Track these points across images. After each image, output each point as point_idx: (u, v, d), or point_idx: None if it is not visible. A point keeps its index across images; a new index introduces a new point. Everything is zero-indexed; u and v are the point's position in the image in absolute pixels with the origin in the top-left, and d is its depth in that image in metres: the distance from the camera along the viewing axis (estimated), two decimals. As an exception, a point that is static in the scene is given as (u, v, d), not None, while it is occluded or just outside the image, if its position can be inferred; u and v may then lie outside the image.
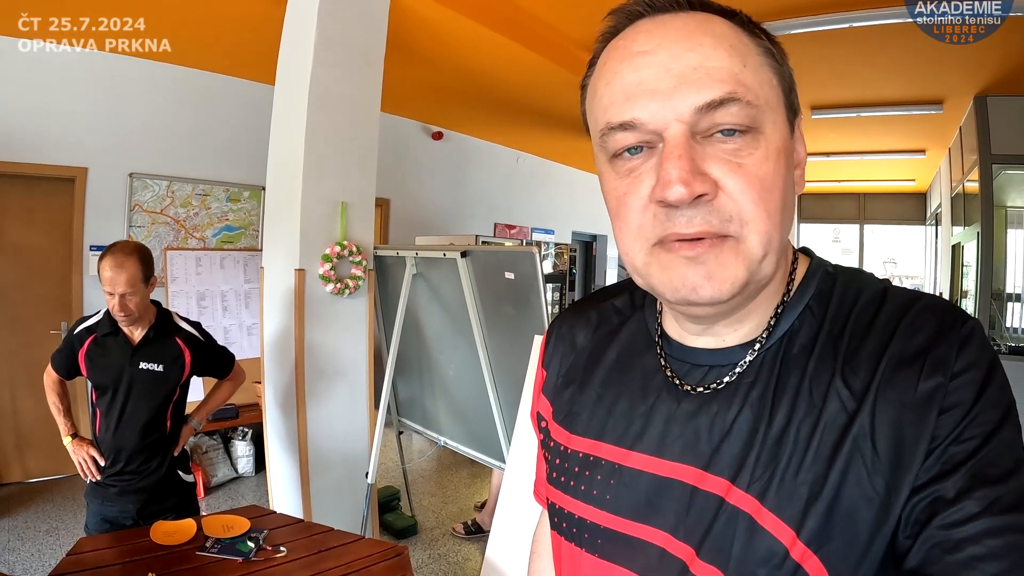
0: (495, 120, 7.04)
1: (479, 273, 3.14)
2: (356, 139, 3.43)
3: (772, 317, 0.64)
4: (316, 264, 3.29)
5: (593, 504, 0.69)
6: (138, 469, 2.41)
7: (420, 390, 3.95)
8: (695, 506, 0.61)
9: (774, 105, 0.58)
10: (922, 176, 10.23)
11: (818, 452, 0.56)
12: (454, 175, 7.69)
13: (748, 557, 0.56)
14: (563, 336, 0.86)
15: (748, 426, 0.60)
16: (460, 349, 3.48)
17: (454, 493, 4.81)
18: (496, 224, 8.29)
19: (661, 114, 0.55)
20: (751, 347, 0.64)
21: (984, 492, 0.50)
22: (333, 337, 3.41)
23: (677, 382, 0.67)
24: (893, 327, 0.58)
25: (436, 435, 3.83)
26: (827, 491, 0.55)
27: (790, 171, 0.60)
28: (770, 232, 0.56)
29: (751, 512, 0.57)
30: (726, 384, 0.63)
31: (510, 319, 3.08)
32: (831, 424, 0.56)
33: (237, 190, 5.33)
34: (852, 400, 0.56)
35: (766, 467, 0.58)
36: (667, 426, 0.66)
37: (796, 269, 0.67)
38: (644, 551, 0.64)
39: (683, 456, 0.63)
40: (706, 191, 0.54)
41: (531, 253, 2.89)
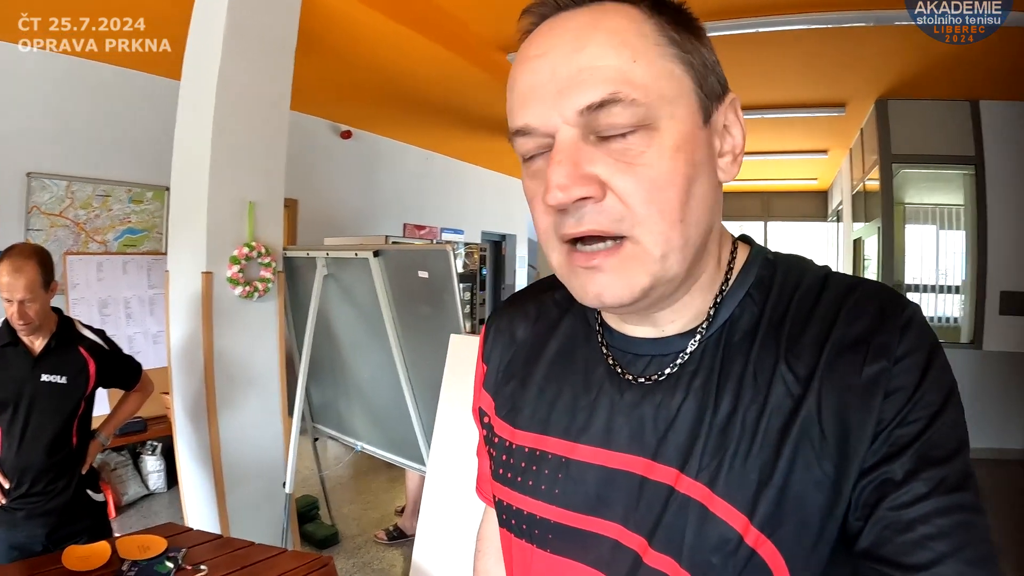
0: (405, 119, 6.98)
1: (392, 273, 3.11)
2: (265, 136, 3.33)
3: (712, 306, 0.64)
4: (224, 267, 3.17)
5: (541, 499, 0.68)
6: (45, 490, 2.26)
7: (334, 395, 3.87)
8: (645, 496, 0.61)
9: (672, 97, 0.56)
10: (824, 175, 10.72)
11: (766, 437, 0.56)
12: (363, 175, 7.58)
13: (701, 545, 0.56)
14: (502, 330, 0.84)
15: (693, 415, 0.60)
16: (374, 351, 3.42)
17: (373, 499, 4.74)
18: (406, 224, 8.22)
19: (549, 118, 0.56)
20: (692, 336, 0.64)
21: (931, 473, 0.51)
22: (243, 343, 3.30)
23: (620, 372, 0.66)
24: (835, 313, 0.58)
25: (353, 440, 3.76)
26: (777, 476, 0.55)
27: (703, 162, 0.58)
28: (666, 232, 0.56)
29: (702, 500, 0.57)
30: (668, 374, 0.63)
31: (425, 319, 3.06)
32: (777, 409, 0.57)
33: (140, 191, 5.07)
34: (797, 385, 0.57)
35: (714, 454, 0.58)
36: (612, 417, 0.65)
37: (735, 257, 0.67)
38: (596, 544, 0.63)
39: (630, 447, 0.63)
40: (589, 194, 0.54)
41: (445, 251, 2.87)
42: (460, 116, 6.68)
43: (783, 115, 6.64)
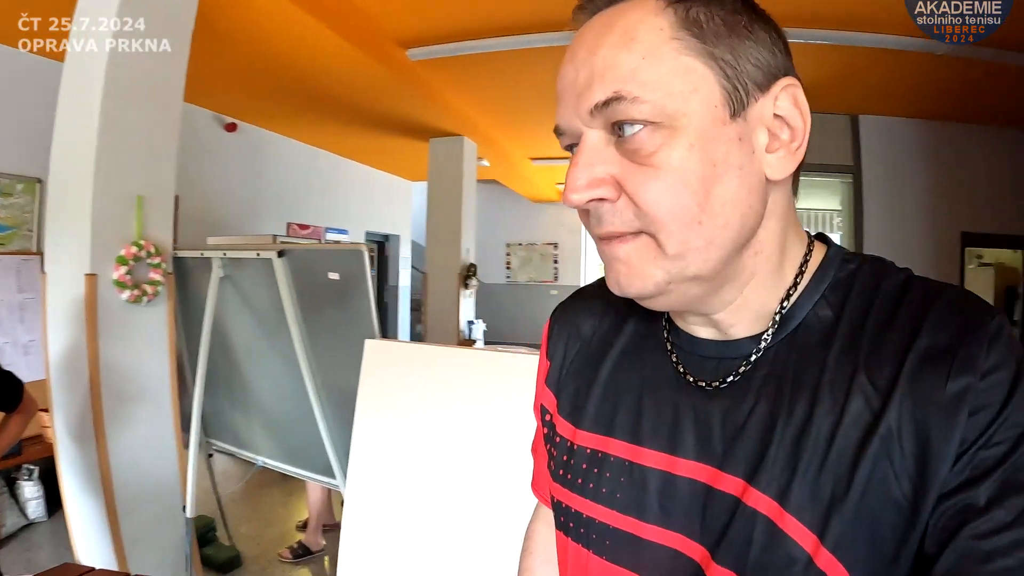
0: (294, 113, 6.66)
1: (298, 275, 2.90)
2: (156, 125, 3.02)
3: (779, 307, 0.62)
4: (110, 268, 2.86)
5: (601, 503, 0.67)
6: None
7: (230, 406, 3.59)
8: (711, 507, 0.59)
9: (685, 94, 0.53)
10: None
11: (842, 451, 0.53)
12: (248, 171, 7.16)
13: (767, 563, 0.54)
14: (567, 325, 0.83)
15: (764, 422, 0.58)
16: (274, 359, 3.20)
17: (271, 515, 4.48)
18: (290, 224, 7.84)
19: (572, 121, 0.58)
20: (760, 339, 0.61)
21: (1015, 500, 0.48)
22: (131, 352, 2.97)
23: (686, 374, 0.65)
24: (918, 321, 0.54)
25: (253, 455, 3.50)
26: (852, 494, 0.51)
27: (727, 160, 0.55)
28: (680, 233, 0.55)
29: (770, 514, 0.54)
30: (738, 378, 0.61)
31: (334, 323, 2.88)
32: (855, 422, 0.53)
33: (9, 182, 4.47)
34: (876, 397, 0.53)
35: (785, 466, 0.55)
36: (678, 421, 0.63)
37: (810, 256, 0.64)
38: (656, 553, 0.62)
39: (697, 454, 0.61)
40: (603, 196, 0.56)
41: (359, 251, 2.71)
42: (351, 112, 6.45)
43: None
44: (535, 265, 13.29)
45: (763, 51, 0.56)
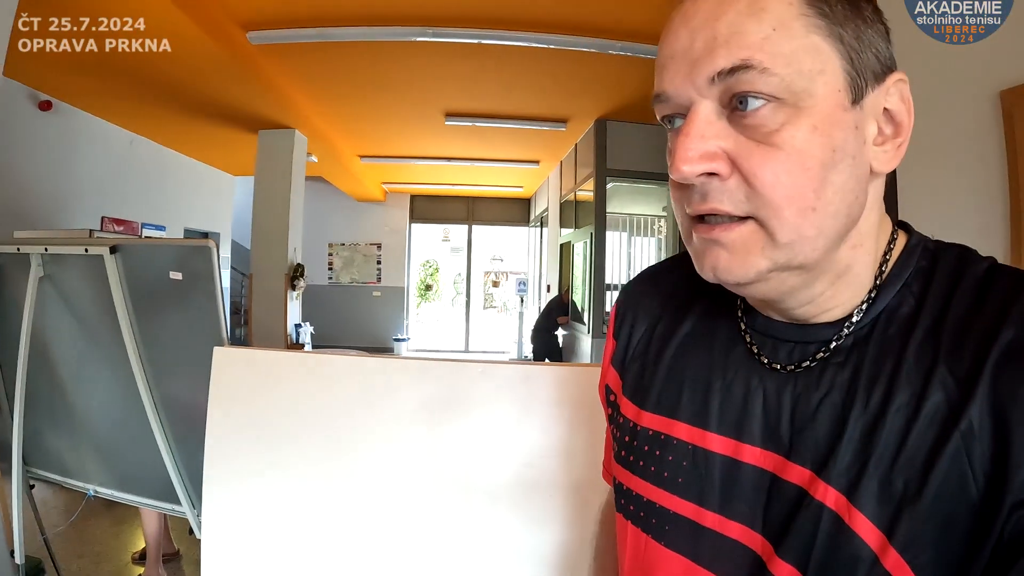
0: (114, 92, 6.00)
1: (134, 274, 2.58)
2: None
3: (866, 296, 0.59)
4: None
5: (663, 487, 0.66)
6: None
7: (52, 428, 3.11)
8: (775, 497, 0.58)
9: (813, 73, 0.51)
10: (530, 183, 11.78)
11: (916, 446, 0.51)
12: (60, 157, 6.36)
13: (831, 560, 0.52)
14: (635, 304, 0.80)
15: (836, 412, 0.56)
16: (105, 371, 2.83)
17: (103, 548, 4.02)
18: (104, 218, 7.08)
19: (684, 88, 0.54)
20: (841, 326, 0.59)
21: None
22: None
23: (759, 356, 0.63)
24: (1003, 312, 0.51)
25: (83, 483, 3.06)
26: (926, 492, 0.49)
27: (844, 147, 0.53)
28: (793, 219, 0.52)
29: (837, 509, 0.53)
30: (812, 363, 0.59)
31: (175, 330, 2.62)
32: (932, 416, 0.51)
33: None
34: (956, 391, 0.50)
35: (855, 459, 0.53)
36: (746, 406, 0.62)
37: (894, 245, 0.62)
38: (716, 542, 0.61)
39: (763, 441, 0.60)
40: (716, 171, 0.53)
41: (207, 248, 2.49)
42: (178, 95, 5.96)
43: (507, 125, 7.15)
44: (358, 266, 13.19)
45: (881, 41, 0.55)
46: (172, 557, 3.86)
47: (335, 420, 2.03)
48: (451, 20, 4.39)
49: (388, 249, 13.12)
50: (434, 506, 1.92)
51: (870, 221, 0.59)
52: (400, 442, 1.97)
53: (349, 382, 2.07)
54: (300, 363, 2.18)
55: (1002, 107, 2.11)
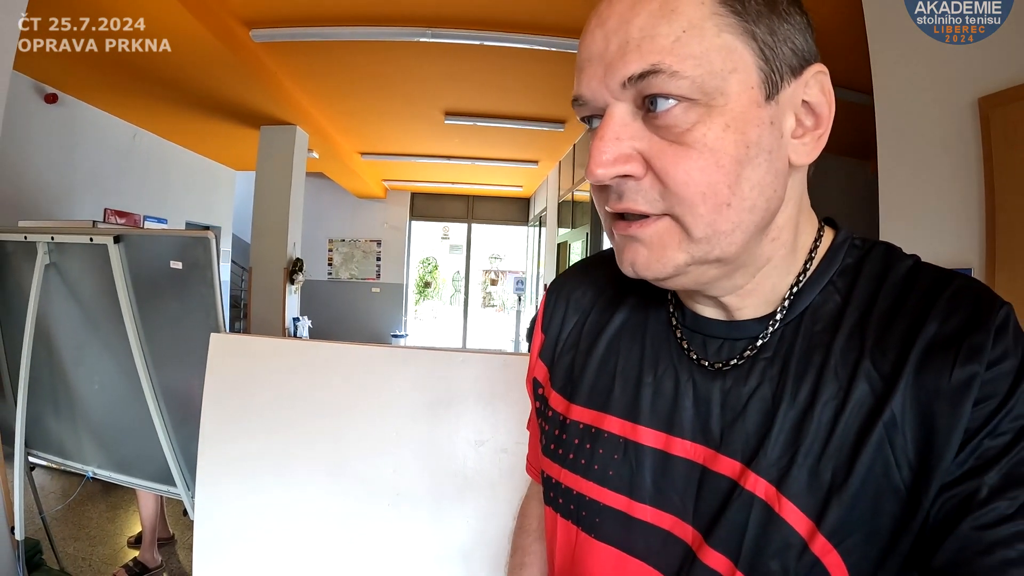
0: (118, 86, 6.00)
1: (136, 263, 2.65)
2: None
3: (789, 291, 0.61)
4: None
5: (593, 480, 0.66)
6: None
7: (54, 412, 3.17)
8: (706, 489, 0.59)
9: (724, 72, 0.52)
10: (529, 183, 11.65)
11: (843, 437, 0.53)
12: (64, 148, 6.37)
13: (762, 547, 0.54)
14: (565, 296, 0.81)
15: (765, 405, 0.58)
16: (105, 356, 2.90)
17: (99, 531, 4.04)
18: (107, 210, 7.10)
19: (599, 91, 0.55)
20: (767, 322, 0.61)
21: (1017, 492, 0.48)
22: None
23: (689, 353, 0.64)
24: (926, 308, 0.54)
25: (82, 465, 3.13)
26: (853, 480, 0.52)
27: (760, 143, 0.54)
28: (708, 215, 0.53)
29: (767, 499, 0.55)
30: (743, 359, 0.61)
31: (174, 317, 2.68)
32: (858, 408, 0.54)
33: None
34: (881, 383, 0.53)
35: (784, 451, 0.55)
36: (677, 400, 0.63)
37: (820, 241, 0.64)
38: (647, 534, 0.62)
39: (694, 434, 0.61)
40: (630, 172, 0.54)
41: (206, 239, 2.54)
42: (181, 90, 5.96)
43: (505, 125, 7.10)
44: (357, 262, 13.11)
45: (798, 35, 0.56)
46: (167, 541, 3.89)
47: (326, 405, 2.08)
48: (451, 21, 4.41)
49: (388, 246, 13.07)
50: (422, 489, 1.97)
51: (786, 214, 0.60)
52: (389, 427, 2.02)
53: (341, 369, 2.12)
54: (293, 350, 2.25)
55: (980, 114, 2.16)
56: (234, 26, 4.57)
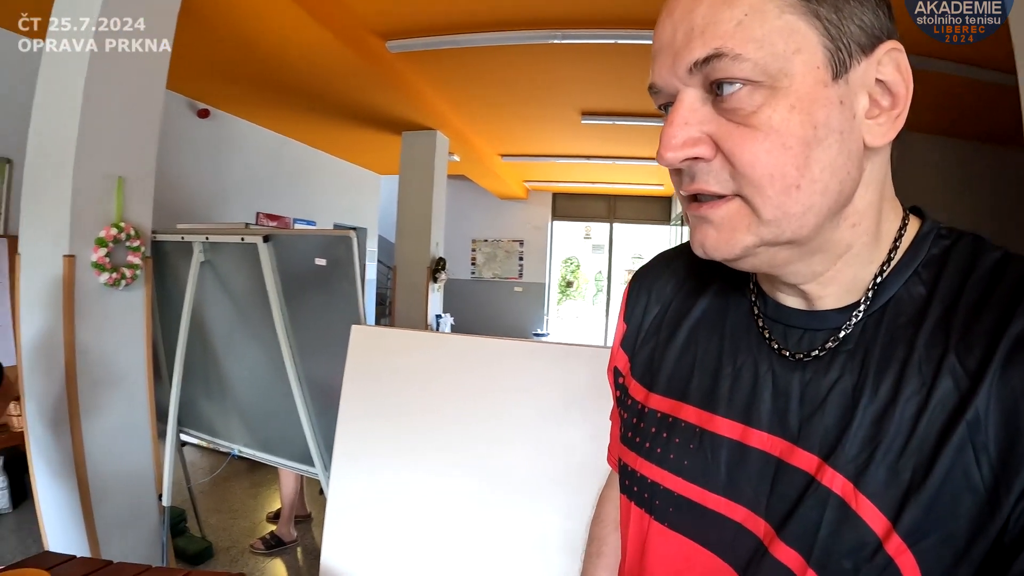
0: (266, 100, 6.57)
1: (282, 260, 2.86)
2: (139, 106, 2.95)
3: (873, 281, 0.59)
4: (88, 250, 2.79)
5: (668, 469, 0.66)
6: None
7: (205, 395, 3.52)
8: (781, 482, 0.58)
9: (788, 54, 0.51)
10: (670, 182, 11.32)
11: (925, 435, 0.51)
12: (218, 158, 7.04)
13: (835, 545, 0.53)
14: (647, 287, 0.82)
15: (846, 399, 0.56)
16: (252, 346, 3.16)
17: (240, 506, 4.38)
18: (258, 213, 7.73)
19: (668, 79, 0.56)
20: (850, 313, 0.59)
21: None
22: (107, 338, 2.90)
23: (770, 342, 0.63)
24: (1015, 301, 0.52)
25: (228, 443, 3.45)
26: (932, 480, 0.50)
27: (829, 124, 0.52)
28: (777, 197, 0.53)
29: (843, 495, 0.53)
30: (823, 351, 0.59)
31: (318, 310, 2.85)
32: (942, 405, 0.51)
33: None
34: (966, 380, 0.51)
35: (864, 446, 0.54)
36: (756, 390, 0.62)
37: (904, 231, 0.61)
38: (719, 525, 0.61)
39: (771, 425, 0.60)
40: (699, 155, 0.54)
41: (347, 237, 2.67)
42: (325, 102, 6.37)
43: (642, 123, 6.97)
44: (500, 262, 13.32)
45: (867, 11, 0.54)
46: (304, 519, 4.14)
47: (458, 395, 2.16)
48: (582, 22, 4.41)
49: (530, 246, 13.20)
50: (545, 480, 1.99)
51: (867, 199, 0.58)
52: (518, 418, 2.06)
53: (474, 361, 2.18)
54: (429, 341, 2.36)
55: None
56: (370, 39, 4.78)
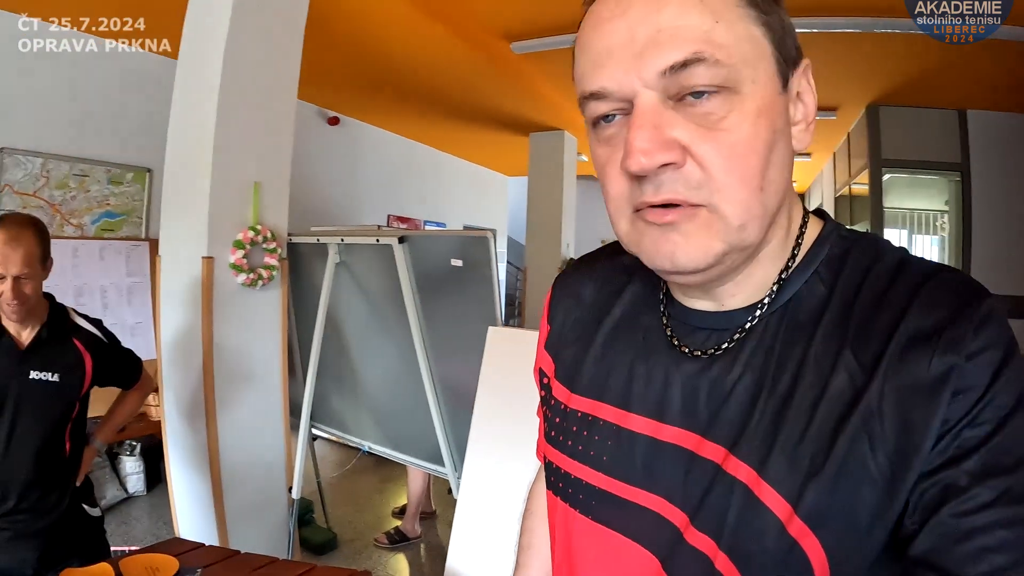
0: (394, 106, 6.73)
1: (418, 261, 2.90)
2: (272, 114, 3.09)
3: (776, 281, 0.62)
4: (226, 252, 2.92)
5: (590, 465, 0.69)
6: (34, 507, 1.92)
7: (337, 392, 3.66)
8: (692, 472, 0.60)
9: (753, 61, 0.54)
10: (804, 178, 10.96)
11: (822, 425, 0.54)
12: (348, 164, 7.31)
13: (743, 529, 0.55)
14: (569, 291, 0.84)
15: (749, 393, 0.59)
16: (386, 345, 3.23)
17: (367, 500, 4.54)
18: (389, 216, 7.98)
19: (628, 81, 0.54)
20: (754, 311, 0.62)
21: (997, 481, 0.48)
22: (244, 335, 3.05)
23: (678, 344, 0.66)
24: (908, 300, 0.55)
25: (359, 440, 3.55)
26: (829, 466, 0.53)
27: (781, 129, 0.57)
28: (747, 200, 0.54)
29: (748, 482, 0.56)
30: (727, 348, 0.62)
31: (453, 310, 2.86)
32: (837, 397, 0.54)
33: (120, 171, 4.68)
34: (861, 374, 0.54)
35: (766, 436, 0.56)
36: (666, 389, 0.65)
37: (805, 232, 0.65)
38: (638, 516, 0.63)
39: (682, 421, 0.62)
40: (672, 159, 0.53)
41: (485, 237, 2.68)
42: (452, 106, 6.47)
43: None
44: (633, 261, 13.18)
45: (792, 28, 0.58)
46: (429, 516, 4.23)
47: None
48: None
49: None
50: None
51: (787, 200, 0.62)
52: None
53: None
54: None
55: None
56: (494, 42, 4.79)
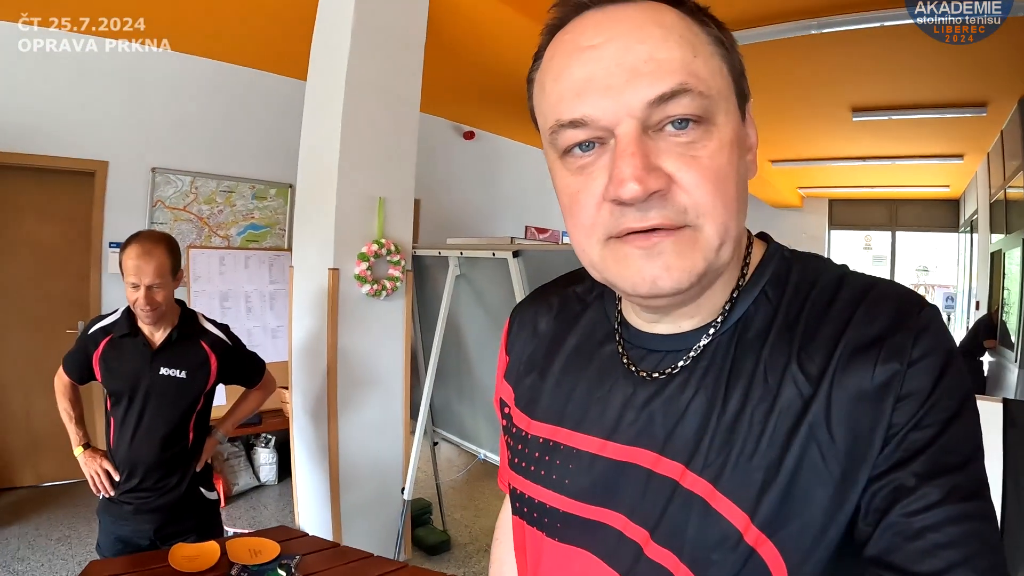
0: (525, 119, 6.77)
1: (533, 275, 2.92)
2: (394, 133, 3.24)
3: (727, 302, 0.64)
4: (351, 264, 3.08)
5: (552, 488, 0.70)
6: (156, 486, 2.17)
7: (458, 398, 3.75)
8: (650, 490, 0.61)
9: (725, 94, 0.57)
10: (957, 182, 9.94)
11: (773, 437, 0.56)
12: (484, 176, 7.51)
13: (702, 541, 0.57)
14: (525, 322, 0.86)
15: (702, 410, 0.60)
16: (503, 356, 3.26)
17: (485, 506, 4.61)
18: (527, 227, 8.11)
19: (612, 110, 0.54)
20: (706, 332, 0.64)
21: (944, 480, 0.50)
22: (368, 342, 3.21)
23: (633, 368, 0.67)
24: (850, 313, 0.58)
25: (476, 447, 3.62)
26: (782, 476, 0.54)
27: (743, 158, 0.60)
28: (726, 222, 0.56)
29: (705, 496, 0.57)
30: (680, 368, 0.64)
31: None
32: (786, 409, 0.56)
33: (263, 187, 5.13)
34: (808, 386, 0.56)
35: (720, 451, 0.58)
36: (623, 411, 0.66)
37: (751, 253, 0.67)
38: (602, 534, 0.65)
39: (639, 440, 0.64)
40: (660, 187, 0.54)
41: None
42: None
43: (915, 116, 6.09)
44: (777, 273, 12.71)
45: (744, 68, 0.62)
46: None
47: None
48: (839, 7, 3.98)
49: (806, 254, 12.49)
50: None
51: None
52: None
53: None
54: None
55: None
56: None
